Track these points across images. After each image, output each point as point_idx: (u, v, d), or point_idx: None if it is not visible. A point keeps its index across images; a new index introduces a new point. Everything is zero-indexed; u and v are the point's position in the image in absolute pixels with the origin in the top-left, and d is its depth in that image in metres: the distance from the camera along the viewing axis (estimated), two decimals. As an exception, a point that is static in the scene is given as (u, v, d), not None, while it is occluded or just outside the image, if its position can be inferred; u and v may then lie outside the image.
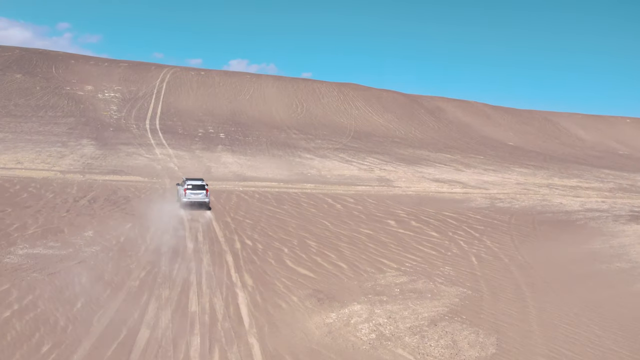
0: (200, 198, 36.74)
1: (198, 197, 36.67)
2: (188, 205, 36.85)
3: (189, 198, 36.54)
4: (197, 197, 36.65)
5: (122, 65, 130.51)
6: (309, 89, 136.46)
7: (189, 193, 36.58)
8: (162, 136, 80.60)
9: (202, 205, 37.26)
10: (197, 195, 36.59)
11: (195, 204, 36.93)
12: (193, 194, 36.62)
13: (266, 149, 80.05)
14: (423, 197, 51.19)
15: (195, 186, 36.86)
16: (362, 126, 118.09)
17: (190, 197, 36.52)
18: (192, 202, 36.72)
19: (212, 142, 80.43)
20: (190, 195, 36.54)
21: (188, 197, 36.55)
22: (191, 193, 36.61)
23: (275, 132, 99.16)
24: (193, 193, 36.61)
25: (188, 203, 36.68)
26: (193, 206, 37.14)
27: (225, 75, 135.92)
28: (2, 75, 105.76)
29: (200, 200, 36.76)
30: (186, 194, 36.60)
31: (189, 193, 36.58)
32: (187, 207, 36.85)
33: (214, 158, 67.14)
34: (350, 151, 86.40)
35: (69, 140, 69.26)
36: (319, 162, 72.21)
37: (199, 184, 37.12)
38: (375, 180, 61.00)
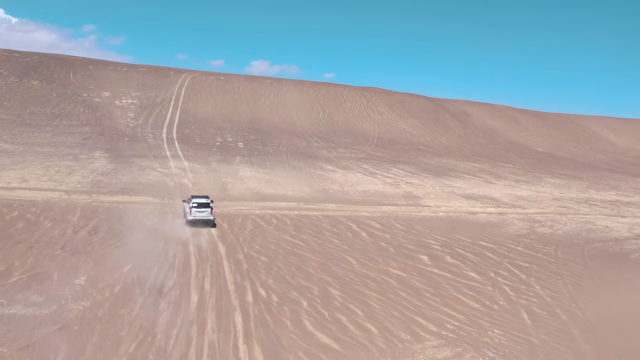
0: (205, 216, 36.85)
1: (203, 215, 36.79)
2: (193, 223, 36.94)
3: (194, 216, 36.63)
4: (202, 215, 36.78)
5: (141, 70, 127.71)
6: (331, 93, 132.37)
7: (195, 211, 36.62)
8: (179, 146, 77.14)
9: (207, 222, 37.33)
10: (202, 213, 36.72)
11: (200, 221, 37.00)
12: (198, 212, 36.66)
13: (286, 159, 76.14)
14: (455, 219, 46.82)
15: (201, 204, 36.85)
16: (385, 132, 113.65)
17: (196, 215, 36.61)
18: (198, 220, 36.87)
19: (229, 153, 76.75)
20: (195, 213, 36.59)
21: (193, 215, 36.62)
22: (196, 211, 36.64)
23: (295, 140, 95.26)
24: (198, 211, 36.65)
25: (193, 221, 36.83)
26: (197, 224, 37.01)
27: (246, 79, 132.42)
28: (19, 82, 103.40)
29: (205, 218, 36.91)
30: (192, 212, 36.65)
31: (194, 211, 36.62)
32: (192, 224, 36.92)
33: (231, 172, 63.38)
34: (374, 161, 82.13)
35: (81, 152, 66.08)
36: (341, 175, 68.08)
37: (204, 202, 37.11)
38: (402, 197, 56.71)
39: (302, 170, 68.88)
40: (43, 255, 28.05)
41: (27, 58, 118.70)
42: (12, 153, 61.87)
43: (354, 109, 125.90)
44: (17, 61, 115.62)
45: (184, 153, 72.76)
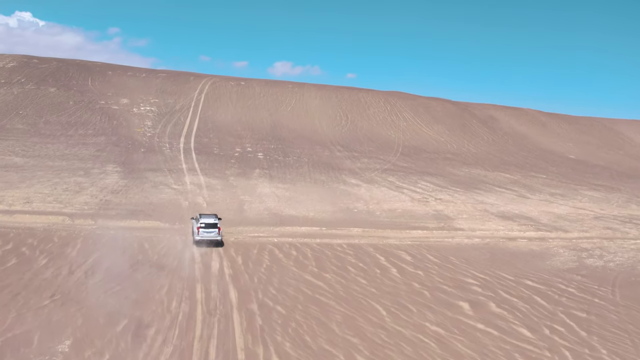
0: (213, 236, 36.49)
1: (210, 235, 36.40)
2: (201, 243, 36.51)
3: (201, 237, 36.27)
4: (210, 236, 36.40)
5: (160, 75, 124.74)
6: (354, 98, 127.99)
7: (202, 231, 36.21)
8: (196, 158, 73.51)
9: (215, 243, 36.89)
10: (209, 234, 36.38)
11: (207, 242, 36.53)
12: (205, 233, 36.25)
13: (307, 172, 72.01)
14: (493, 248, 42.21)
15: (208, 225, 36.38)
16: (410, 140, 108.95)
17: (203, 235, 36.25)
18: (204, 240, 36.44)
19: (248, 165, 72.88)
20: (203, 233, 36.22)
21: (201, 235, 36.25)
22: (204, 231, 36.20)
23: (318, 149, 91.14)
24: (206, 231, 36.24)
25: (201, 241, 36.39)
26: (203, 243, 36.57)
27: (267, 85, 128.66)
28: (36, 89, 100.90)
29: (213, 239, 36.57)
30: (199, 233, 36.24)
31: (202, 232, 36.21)
32: (199, 244, 36.43)
33: (249, 188, 59.44)
34: (400, 173, 77.63)
35: (93, 166, 62.75)
36: (366, 190, 63.76)
37: (211, 222, 36.60)
38: (432, 218, 52.21)
39: (324, 185, 64.70)
40: (28, 306, 24.27)
41: (46, 64, 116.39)
42: (21, 168, 58.74)
43: (378, 114, 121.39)
44: (36, 67, 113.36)
45: (201, 166, 69.08)
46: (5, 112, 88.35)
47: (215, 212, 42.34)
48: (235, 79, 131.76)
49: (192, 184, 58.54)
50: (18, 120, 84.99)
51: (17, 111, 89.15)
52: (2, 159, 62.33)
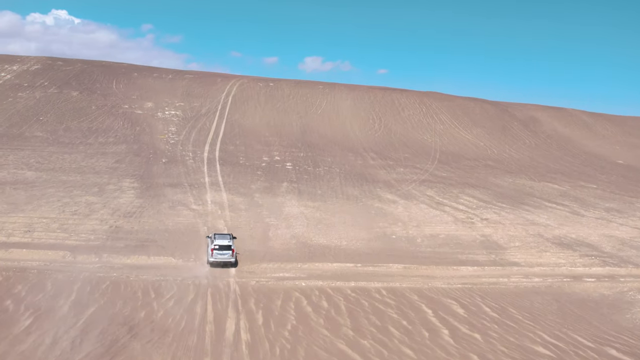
0: (227, 258, 36.02)
1: (224, 257, 35.96)
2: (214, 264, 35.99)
3: (215, 258, 35.80)
4: (224, 258, 35.96)
5: (187, 77, 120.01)
6: (387, 100, 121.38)
7: (216, 253, 35.78)
8: (220, 170, 68.19)
9: (228, 264, 36.33)
10: (223, 256, 35.91)
11: (221, 263, 36.06)
12: (219, 254, 35.83)
13: (339, 185, 66.07)
14: (558, 293, 35.75)
15: (222, 247, 35.91)
16: (448, 145, 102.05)
17: (217, 257, 35.82)
18: (219, 262, 35.93)
19: (276, 177, 67.25)
20: (217, 255, 35.80)
21: (215, 257, 35.79)
22: (218, 253, 35.79)
23: (350, 156, 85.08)
24: (220, 253, 35.82)
25: (214, 262, 35.91)
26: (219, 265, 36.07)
27: (296, 86, 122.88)
28: (58, 93, 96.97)
29: (226, 260, 36.03)
30: (213, 254, 35.81)
31: (215, 253, 35.77)
32: (213, 265, 35.97)
33: (275, 207, 53.81)
34: (439, 185, 71.13)
35: (109, 181, 57.88)
36: (403, 208, 57.59)
37: (225, 244, 36.08)
38: (480, 247, 45.85)
39: (357, 202, 58.70)
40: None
41: (70, 66, 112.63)
42: (32, 184, 54.13)
43: (413, 117, 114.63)
44: (60, 70, 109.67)
45: (225, 179, 63.71)
46: (26, 118, 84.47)
47: (231, 232, 41.29)
48: (264, 79, 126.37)
49: (213, 203, 53.15)
50: (38, 127, 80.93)
51: (37, 117, 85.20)
52: (14, 174, 57.89)
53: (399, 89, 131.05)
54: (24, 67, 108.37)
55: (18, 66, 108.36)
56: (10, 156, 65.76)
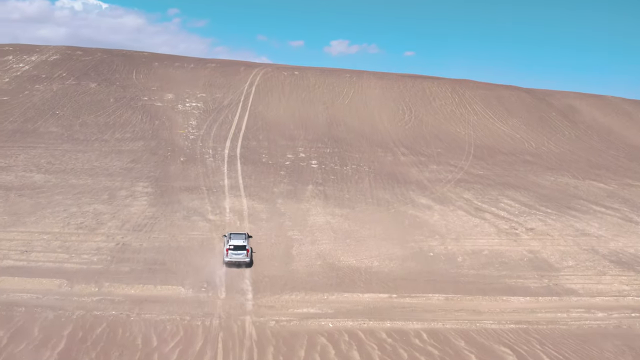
0: (241, 258, 36.12)
1: (239, 257, 36.08)
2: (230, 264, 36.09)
3: (230, 258, 35.99)
4: (238, 257, 36.08)
5: (209, 66, 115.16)
6: (418, 88, 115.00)
7: (231, 253, 35.97)
8: (241, 170, 63.42)
9: (243, 264, 36.35)
10: (238, 256, 36.05)
11: (236, 263, 36.11)
12: (234, 254, 35.99)
13: (369, 187, 60.83)
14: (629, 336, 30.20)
15: (237, 247, 36.08)
16: (483, 137, 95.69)
17: (232, 257, 36.01)
18: (234, 262, 36.01)
19: (300, 178, 62.25)
20: (232, 255, 35.99)
21: (230, 257, 35.99)
22: (233, 254, 35.96)
23: (379, 152, 79.57)
24: (235, 253, 35.99)
25: (230, 262, 36.05)
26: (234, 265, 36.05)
27: (322, 74, 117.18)
28: (76, 85, 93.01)
29: (241, 260, 36.13)
30: (228, 254, 36.03)
31: (230, 253, 35.98)
32: (229, 265, 36.09)
33: (299, 216, 48.91)
34: (477, 185, 65.39)
35: (121, 185, 53.56)
36: (439, 215, 52.20)
37: (240, 244, 36.23)
38: (529, 267, 40.38)
39: (389, 208, 53.46)
40: None
41: (90, 56, 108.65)
42: (39, 190, 50.08)
43: (445, 107, 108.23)
44: (79, 60, 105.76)
45: (245, 181, 58.93)
46: (42, 112, 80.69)
47: (247, 232, 40.39)
48: (289, 67, 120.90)
49: (232, 212, 48.40)
50: (53, 122, 77.04)
51: (53, 111, 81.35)
52: (21, 177, 53.92)
53: (429, 77, 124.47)
54: (42, 57, 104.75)
55: (37, 56, 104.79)
56: (21, 155, 61.91)
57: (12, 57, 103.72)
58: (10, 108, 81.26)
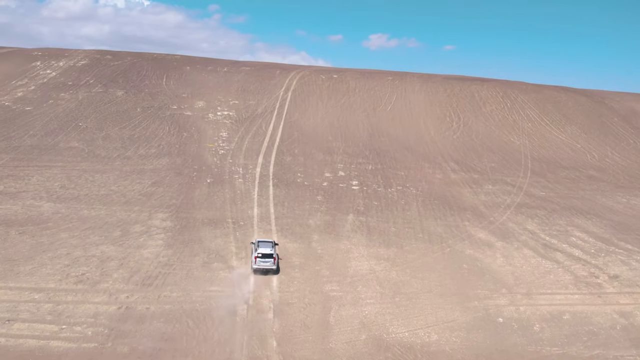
0: (268, 265, 37.21)
1: (266, 264, 37.19)
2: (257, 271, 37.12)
3: (258, 265, 37.15)
4: (266, 265, 37.20)
5: (243, 69, 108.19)
6: (466, 92, 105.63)
7: (259, 261, 37.10)
8: (273, 195, 56.12)
9: (270, 271, 37.28)
10: (265, 263, 37.13)
11: (264, 270, 37.12)
12: (262, 262, 37.09)
13: (417, 217, 52.74)
14: None
15: (265, 255, 37.09)
16: (539, 148, 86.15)
17: (260, 264, 37.13)
18: (262, 269, 37.06)
19: (339, 205, 54.57)
20: (260, 263, 37.11)
21: (258, 264, 37.15)
22: (260, 261, 37.08)
23: (426, 168, 71.20)
24: (262, 261, 37.08)
25: (257, 269, 37.15)
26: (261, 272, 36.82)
27: (362, 77, 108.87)
28: (103, 93, 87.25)
29: (269, 268, 37.16)
30: (256, 262, 37.18)
31: (258, 261, 37.12)
32: (256, 272, 37.07)
33: (338, 260, 41.30)
34: (540, 212, 56.67)
35: (138, 216, 46.87)
36: (503, 257, 43.90)
37: (267, 252, 37.23)
38: (627, 343, 31.91)
39: (443, 247, 45.32)
40: None
41: (119, 61, 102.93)
42: (44, 224, 43.73)
43: (496, 113, 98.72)
44: (107, 65, 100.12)
45: (278, 210, 51.55)
46: (64, 124, 75.01)
47: (271, 240, 40.46)
48: (327, 70, 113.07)
49: (260, 255, 40.96)
50: (75, 136, 71.19)
51: (77, 122, 75.57)
52: (28, 208, 47.73)
53: (478, 79, 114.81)
54: (70, 62, 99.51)
55: (65, 62, 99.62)
56: (35, 177, 55.95)
57: (40, 63, 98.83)
58: (32, 119, 75.86)
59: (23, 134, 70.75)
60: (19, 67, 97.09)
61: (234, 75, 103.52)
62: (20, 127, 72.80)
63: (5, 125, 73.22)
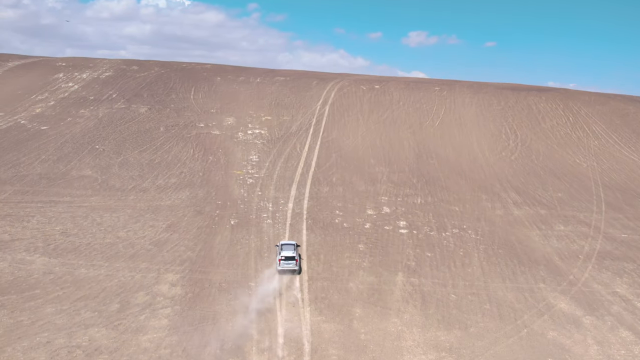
0: (291, 267, 40.02)
1: (289, 266, 40.03)
2: (281, 272, 39.84)
3: (282, 267, 39.95)
4: (289, 267, 40.05)
5: (277, 80, 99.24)
6: (522, 104, 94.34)
7: (282, 263, 39.93)
8: (306, 242, 46.92)
9: (294, 272, 40.17)
10: (288, 265, 39.98)
11: (287, 271, 40.01)
12: (286, 264, 39.91)
13: (482, 276, 42.80)
14: None
15: (287, 257, 40.02)
16: (610, 171, 74.62)
17: (284, 266, 39.93)
18: (285, 270, 39.92)
19: (386, 260, 45.01)
20: (283, 265, 39.95)
21: (282, 266, 39.95)
22: (284, 263, 39.90)
23: (484, 200, 60.93)
24: (286, 263, 39.90)
25: (281, 271, 39.94)
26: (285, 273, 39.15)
27: (406, 87, 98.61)
28: (125, 109, 79.58)
29: (292, 269, 40.01)
30: (280, 264, 39.97)
31: (282, 263, 39.94)
32: (281, 273, 39.70)
33: (387, 351, 31.79)
34: (628, 265, 46.08)
35: (143, 279, 38.35)
36: (597, 345, 34.02)
37: (290, 255, 40.11)
38: None
39: (518, 328, 35.35)
40: None
41: (145, 72, 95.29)
42: (30, 291, 35.71)
43: (558, 129, 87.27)
44: (133, 77, 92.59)
45: (312, 267, 42.39)
46: (80, 147, 67.54)
47: (294, 242, 42.68)
48: (368, 80, 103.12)
49: (286, 344, 31.85)
50: (90, 161, 63.54)
51: (93, 145, 67.98)
52: (18, 263, 39.85)
53: (534, 88, 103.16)
54: (94, 74, 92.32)
55: (88, 73, 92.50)
56: (36, 217, 48.23)
57: (63, 75, 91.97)
58: (46, 141, 68.61)
59: (34, 158, 63.49)
60: (42, 79, 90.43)
61: (267, 87, 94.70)
62: (33, 151, 65.59)
63: (17, 148, 66.13)
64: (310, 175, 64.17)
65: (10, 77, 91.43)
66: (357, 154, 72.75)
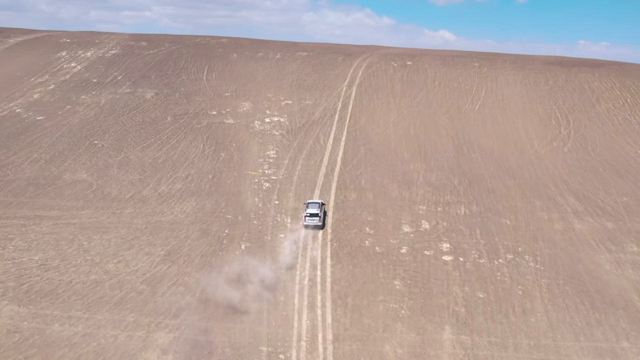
0: (315, 222, 43.64)
1: (314, 222, 43.66)
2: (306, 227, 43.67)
3: (307, 223, 43.54)
4: (313, 222, 43.68)
5: (299, 55, 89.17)
6: (574, 84, 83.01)
7: (308, 219, 43.45)
8: (330, 278, 38.31)
9: (318, 227, 43.84)
10: (313, 221, 43.60)
11: (311, 226, 43.72)
12: (310, 220, 43.50)
13: (549, 329, 33.91)
14: None
15: (312, 214, 43.54)
16: (681, 167, 63.86)
17: (309, 222, 43.54)
18: (310, 225, 43.60)
19: (429, 304, 36.24)
20: (308, 220, 43.47)
21: (307, 222, 43.54)
22: (309, 219, 43.47)
23: (538, 209, 51.32)
24: (310, 219, 43.46)
25: (306, 226, 43.63)
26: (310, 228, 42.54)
27: (442, 63, 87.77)
28: (129, 94, 70.87)
29: (315, 224, 43.67)
30: (305, 220, 43.53)
31: (307, 219, 43.47)
32: (306, 227, 43.57)
33: None
34: None
35: (128, 340, 30.51)
36: None
37: (314, 212, 43.65)
38: None
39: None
40: None
41: (155, 49, 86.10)
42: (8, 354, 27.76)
43: (615, 113, 76.17)
44: (141, 55, 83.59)
45: (337, 319, 34.06)
46: (77, 142, 59.49)
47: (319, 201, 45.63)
48: (399, 54, 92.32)
49: None
50: (86, 161, 55.46)
51: (92, 140, 59.81)
52: (-22, 315, 31.96)
53: (586, 62, 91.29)
54: (99, 52, 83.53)
55: (93, 51, 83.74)
56: (13, 243, 40.53)
57: (66, 54, 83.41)
58: (40, 135, 60.63)
59: (25, 158, 55.61)
60: (43, 59, 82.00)
61: (288, 64, 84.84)
62: (24, 148, 57.67)
63: (7, 145, 58.34)
64: (336, 176, 55.15)
65: (10, 57, 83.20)
66: (389, 146, 63.27)
